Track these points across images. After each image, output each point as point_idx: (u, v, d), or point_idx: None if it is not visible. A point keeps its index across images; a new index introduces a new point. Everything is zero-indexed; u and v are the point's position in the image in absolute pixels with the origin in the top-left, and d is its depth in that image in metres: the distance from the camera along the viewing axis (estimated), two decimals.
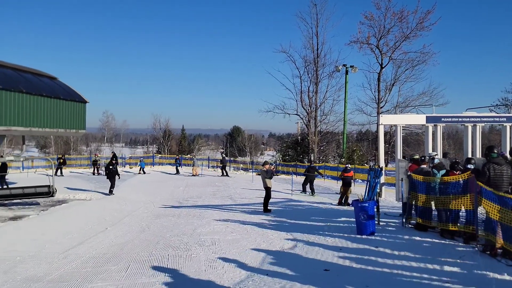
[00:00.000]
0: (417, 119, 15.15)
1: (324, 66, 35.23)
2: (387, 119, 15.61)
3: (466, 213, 7.92)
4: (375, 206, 9.47)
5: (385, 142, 26.48)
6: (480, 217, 7.33)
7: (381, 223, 10.07)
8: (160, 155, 43.67)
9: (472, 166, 8.31)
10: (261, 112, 37.14)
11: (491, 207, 6.80)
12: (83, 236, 9.89)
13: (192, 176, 28.85)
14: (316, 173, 19.57)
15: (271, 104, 73.53)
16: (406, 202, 11.46)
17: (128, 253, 8.06)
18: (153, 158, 39.63)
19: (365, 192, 9.80)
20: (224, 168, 29.51)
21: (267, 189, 13.02)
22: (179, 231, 10.04)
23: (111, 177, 17.85)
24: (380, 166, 12.20)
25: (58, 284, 6.28)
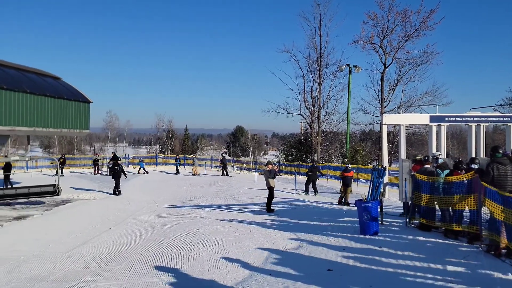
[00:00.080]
0: (421, 119, 15.10)
1: (327, 66, 35.27)
2: (390, 119, 15.58)
3: (470, 213, 7.90)
4: (379, 206, 9.45)
5: (388, 142, 26.43)
6: (484, 217, 7.30)
7: (384, 223, 10.05)
8: (163, 155, 43.73)
9: (476, 166, 8.29)
10: (264, 112, 37.17)
11: (495, 208, 6.77)
12: (86, 235, 9.92)
13: (192, 175, 28.96)
14: (318, 173, 19.62)
15: (274, 104, 73.69)
16: (406, 202, 11.51)
17: (131, 253, 8.08)
18: (156, 158, 39.69)
19: (368, 192, 9.77)
20: (224, 167, 29.66)
21: (270, 189, 13.01)
22: (183, 231, 10.05)
23: (116, 177, 17.87)
24: (383, 166, 12.18)
25: (62, 283, 6.30)
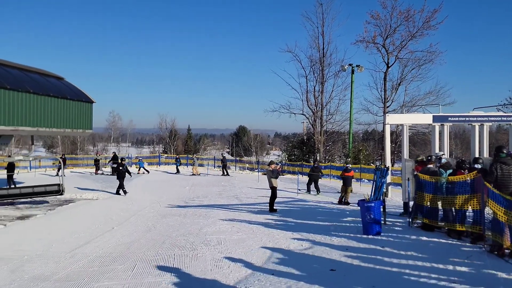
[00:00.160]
0: (424, 119, 15.07)
1: (330, 65, 35.12)
2: (393, 119, 15.55)
3: (473, 213, 7.88)
4: (381, 206, 9.43)
5: (391, 141, 26.38)
6: (487, 217, 7.28)
7: (387, 223, 10.04)
8: (166, 155, 43.80)
9: (479, 165, 8.26)
10: (266, 111, 37.07)
11: (498, 209, 6.74)
12: (89, 235, 9.94)
13: (192, 175, 29.08)
14: (319, 173, 19.80)
15: (276, 103, 73.41)
16: (406, 201, 11.53)
17: (134, 253, 8.09)
18: (159, 158, 39.75)
19: (371, 192, 9.76)
20: (224, 167, 29.78)
21: (273, 189, 13.01)
22: (185, 231, 10.06)
23: (121, 177, 17.89)
24: (386, 165, 12.16)
25: (65, 283, 6.31)
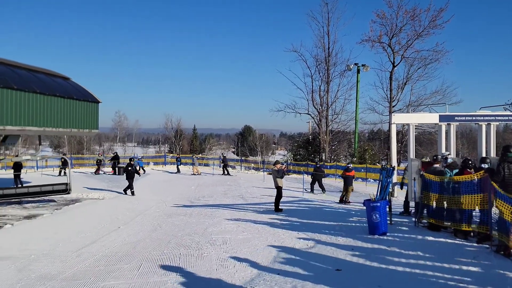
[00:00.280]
0: (430, 118, 15.00)
1: (335, 65, 35.08)
2: (399, 118, 15.49)
3: (480, 213, 7.83)
4: (387, 205, 9.40)
5: (397, 141, 26.27)
6: (493, 217, 7.23)
7: (393, 223, 10.00)
8: (171, 155, 43.91)
9: (486, 165, 8.21)
10: (272, 111, 37.04)
11: (505, 208, 6.70)
12: (96, 235, 9.98)
13: (192, 175, 29.28)
14: (322, 173, 20.16)
15: (282, 103, 72.99)
16: (407, 201, 11.54)
17: (140, 252, 8.12)
18: (165, 157, 39.87)
19: (377, 191, 9.73)
20: (225, 167, 29.90)
21: (279, 189, 13.00)
22: (191, 230, 10.08)
23: (130, 177, 17.94)
24: (392, 165, 12.12)
25: (71, 282, 6.35)
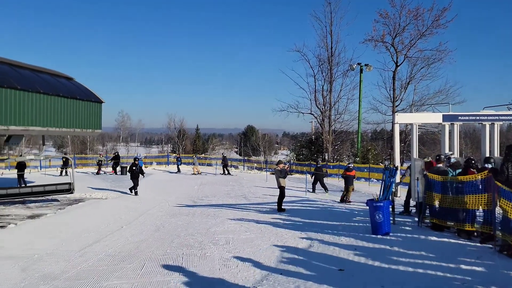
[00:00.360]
0: (434, 118, 14.96)
1: (338, 64, 35.09)
2: (402, 118, 15.48)
3: (483, 213, 7.81)
4: (390, 205, 9.38)
5: (400, 141, 26.20)
6: (497, 217, 7.21)
7: (396, 223, 9.98)
8: (174, 155, 44.00)
9: (490, 165, 8.19)
10: (275, 111, 37.17)
11: (510, 207, 6.67)
12: (99, 234, 10.01)
13: (193, 174, 29.43)
14: (322, 172, 20.35)
15: (285, 103, 73.47)
16: (407, 200, 11.56)
17: (143, 252, 8.13)
18: (167, 157, 39.94)
19: (380, 191, 9.71)
20: (225, 166, 30.11)
21: (281, 189, 13.00)
22: (194, 230, 10.09)
23: (134, 177, 17.98)
24: (395, 165, 12.10)
25: (75, 281, 6.36)
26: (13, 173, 22.03)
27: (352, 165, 16.86)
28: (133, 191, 17.86)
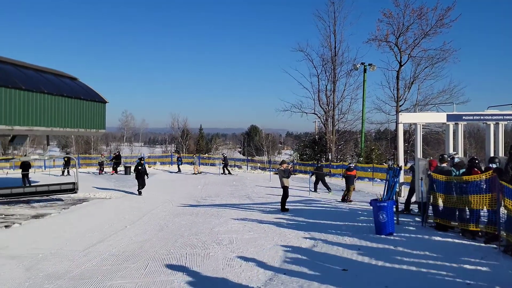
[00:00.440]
0: (438, 117, 14.87)
1: (342, 64, 34.93)
2: (406, 118, 15.38)
3: (488, 213, 7.78)
4: (394, 205, 9.36)
5: (404, 141, 26.11)
6: (502, 217, 7.18)
7: (400, 223, 9.95)
8: (178, 155, 44.05)
9: (495, 165, 8.15)
10: (278, 111, 37.02)
11: None
12: (103, 234, 10.04)
13: (193, 174, 29.52)
14: (323, 172, 20.44)
15: (288, 103, 73.49)
16: (408, 199, 11.56)
17: (147, 251, 8.15)
18: (171, 157, 39.99)
19: (384, 191, 9.68)
20: (225, 166, 30.25)
21: (285, 188, 12.99)
22: (197, 230, 10.10)
23: (139, 177, 18.00)
24: (399, 165, 12.06)
25: (79, 281, 6.39)
26: (17, 173, 22.10)
27: (353, 165, 17.00)
28: (141, 191, 17.87)
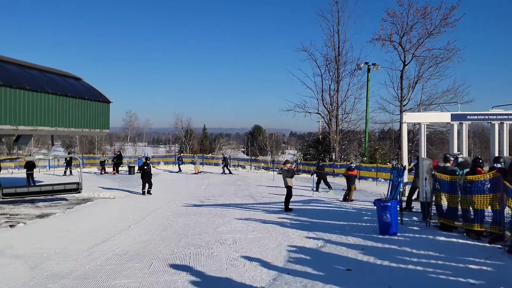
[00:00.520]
0: (442, 117, 14.80)
1: (345, 64, 34.86)
2: (410, 117, 15.33)
3: (492, 213, 7.74)
4: (398, 205, 9.33)
5: (408, 140, 26.03)
6: (506, 217, 7.14)
7: (404, 223, 9.92)
8: (182, 154, 44.11)
9: (500, 164, 8.11)
10: (282, 111, 37.08)
11: None
12: (107, 233, 10.06)
13: (194, 174, 29.63)
14: (324, 171, 20.67)
15: (292, 103, 73.38)
16: (409, 199, 11.49)
17: (151, 251, 8.17)
18: (175, 157, 40.04)
19: (387, 191, 9.66)
20: (226, 166, 30.40)
21: (288, 188, 12.98)
22: (201, 230, 10.11)
23: (144, 177, 18.02)
24: (403, 165, 12.02)
25: (83, 280, 6.41)
26: (22, 173, 22.23)
27: (353, 165, 17.20)
28: (150, 191, 17.90)
